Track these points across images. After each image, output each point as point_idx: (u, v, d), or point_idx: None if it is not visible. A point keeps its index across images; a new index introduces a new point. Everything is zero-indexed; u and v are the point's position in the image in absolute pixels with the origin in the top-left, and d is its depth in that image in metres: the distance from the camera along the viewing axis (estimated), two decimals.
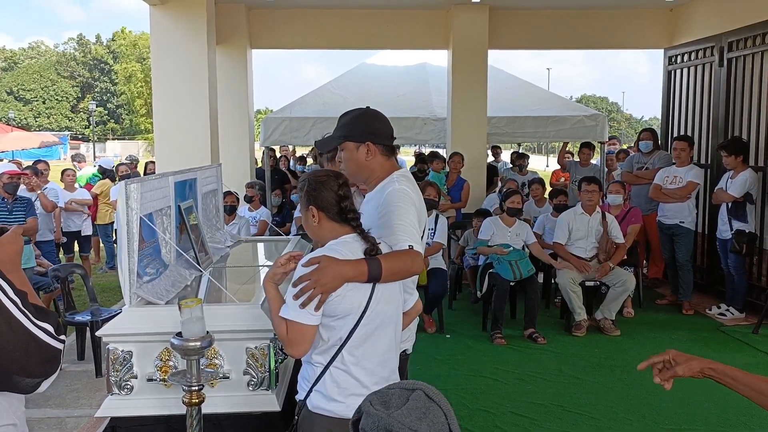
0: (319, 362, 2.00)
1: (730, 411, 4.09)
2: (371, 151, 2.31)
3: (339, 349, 1.98)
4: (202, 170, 3.68)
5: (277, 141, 8.79)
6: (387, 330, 2.08)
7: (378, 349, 2.05)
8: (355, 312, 1.97)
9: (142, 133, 53.23)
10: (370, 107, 2.44)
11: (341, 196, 2.05)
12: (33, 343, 1.38)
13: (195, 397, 2.22)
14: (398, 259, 2.04)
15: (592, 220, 5.75)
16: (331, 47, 8.76)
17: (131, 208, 2.46)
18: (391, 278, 2.03)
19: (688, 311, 6.27)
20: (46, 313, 1.44)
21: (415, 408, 1.89)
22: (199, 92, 6.46)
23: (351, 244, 2.03)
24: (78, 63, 60.44)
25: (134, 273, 2.47)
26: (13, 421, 1.49)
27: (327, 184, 2.06)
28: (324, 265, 1.91)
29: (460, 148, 7.82)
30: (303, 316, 1.92)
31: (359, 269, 1.94)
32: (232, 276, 3.46)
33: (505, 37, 8.30)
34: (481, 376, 4.68)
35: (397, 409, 1.88)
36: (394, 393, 1.95)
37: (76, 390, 4.63)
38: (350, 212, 2.06)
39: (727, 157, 5.91)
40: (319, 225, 2.07)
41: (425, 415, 1.89)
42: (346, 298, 1.95)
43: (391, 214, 2.18)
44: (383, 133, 2.37)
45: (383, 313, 2.04)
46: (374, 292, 2.00)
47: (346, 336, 1.97)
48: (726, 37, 6.70)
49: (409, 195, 2.27)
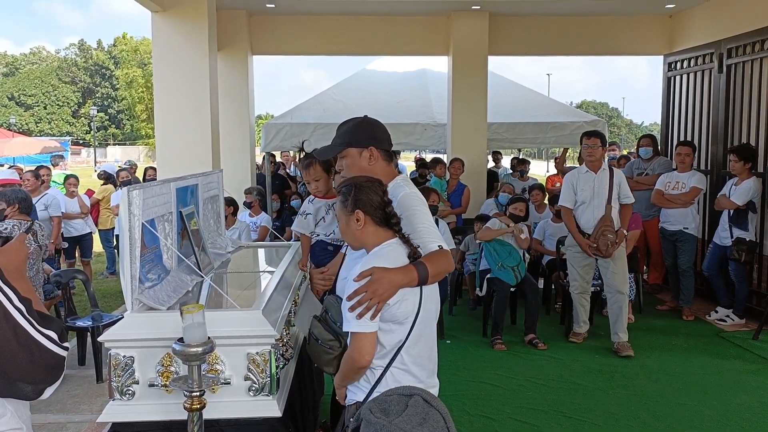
0: (379, 365, 2.07)
1: (728, 415, 4.10)
2: (374, 156, 2.38)
3: (397, 351, 2.06)
4: (204, 176, 3.70)
5: (278, 147, 8.82)
6: (432, 327, 2.19)
7: (427, 344, 2.15)
8: (411, 315, 2.06)
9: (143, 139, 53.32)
10: (368, 116, 2.51)
11: (386, 202, 2.13)
12: (37, 350, 1.39)
13: (196, 403, 2.23)
14: (438, 261, 2.13)
15: (597, 179, 5.19)
16: (332, 53, 8.79)
17: (133, 215, 2.47)
18: (435, 279, 2.13)
19: (688, 317, 6.27)
20: (51, 320, 1.45)
21: (415, 414, 1.91)
22: (200, 98, 6.48)
23: (396, 248, 2.10)
24: (79, 68, 60.57)
25: (136, 279, 2.48)
26: (19, 426, 1.50)
27: (372, 189, 2.13)
28: (378, 276, 1.98)
29: (460, 154, 7.85)
30: (363, 325, 1.99)
31: (410, 276, 2.03)
32: (233, 281, 3.47)
33: (504, 43, 8.34)
34: (481, 382, 4.68)
35: (398, 416, 1.90)
36: (393, 400, 1.97)
37: (77, 395, 4.63)
38: (393, 217, 2.13)
39: (736, 162, 5.90)
40: (364, 229, 2.12)
41: (425, 421, 1.92)
42: (403, 303, 2.04)
43: (412, 218, 2.24)
44: (383, 139, 2.45)
45: (430, 311, 2.15)
46: (423, 294, 2.09)
47: (405, 338, 2.06)
48: (725, 43, 6.72)
49: (420, 197, 2.36)
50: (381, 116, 2.65)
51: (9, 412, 1.47)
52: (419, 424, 1.90)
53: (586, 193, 5.23)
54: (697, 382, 4.67)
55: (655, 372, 4.87)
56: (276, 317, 2.59)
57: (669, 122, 7.99)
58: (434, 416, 1.96)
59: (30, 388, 1.40)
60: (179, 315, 2.18)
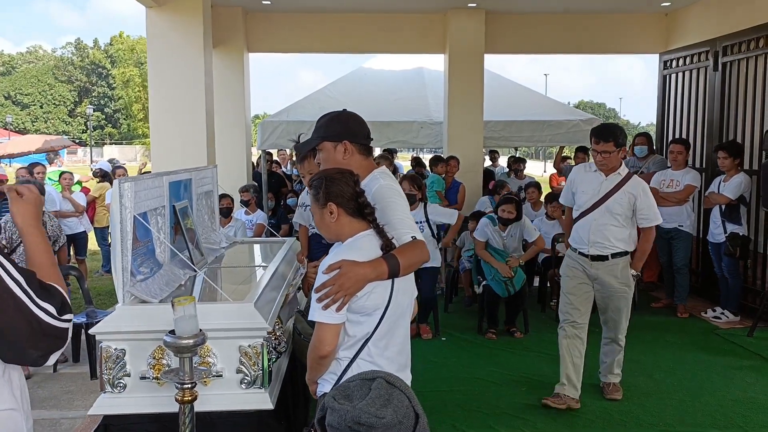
0: (345, 356, 2.08)
1: (722, 411, 4.10)
2: (348, 150, 2.38)
3: (365, 343, 2.06)
4: (198, 171, 3.69)
5: (274, 144, 8.81)
6: (405, 320, 2.19)
7: (398, 338, 2.15)
8: (380, 307, 2.06)
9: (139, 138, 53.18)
10: (347, 110, 2.52)
11: (358, 192, 2.13)
12: (35, 322, 1.41)
13: (188, 395, 2.23)
14: (410, 252, 2.12)
15: (606, 183, 4.01)
16: (328, 51, 8.78)
17: (125, 207, 2.46)
18: (407, 271, 2.13)
19: (683, 314, 6.28)
20: (51, 293, 1.46)
21: (378, 396, 1.92)
22: (196, 95, 6.48)
23: (369, 240, 2.09)
24: (75, 67, 60.42)
25: (128, 271, 2.47)
26: (13, 406, 1.50)
27: (344, 181, 2.13)
28: (345, 270, 1.98)
29: (456, 152, 7.85)
30: (327, 316, 1.99)
31: (380, 269, 2.03)
32: (226, 276, 3.47)
33: (501, 42, 8.34)
34: (476, 378, 4.68)
35: (361, 400, 1.91)
36: (356, 385, 1.98)
37: (71, 392, 4.62)
38: (366, 207, 2.12)
39: (725, 158, 5.92)
40: (337, 221, 2.12)
41: (389, 402, 1.93)
42: (372, 296, 2.03)
43: (386, 210, 2.23)
44: (359, 132, 2.43)
45: (402, 304, 2.15)
46: (394, 287, 2.08)
47: (372, 330, 2.06)
48: (720, 41, 6.74)
49: (396, 189, 2.35)
50: (377, 114, 2.66)
51: (7, 388, 1.49)
52: (383, 405, 1.90)
53: (584, 197, 4.10)
54: (691, 379, 4.68)
55: (650, 368, 4.87)
56: (268, 310, 2.59)
57: (664, 120, 8.00)
58: (398, 396, 1.97)
59: (36, 353, 1.43)
60: (171, 308, 2.18)
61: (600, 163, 4.01)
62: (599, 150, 3.96)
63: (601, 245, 4.02)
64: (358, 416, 1.85)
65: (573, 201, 4.28)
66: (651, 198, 4.01)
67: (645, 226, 4.02)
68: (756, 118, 6.24)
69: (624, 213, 3.98)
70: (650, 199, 4.00)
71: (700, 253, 7.00)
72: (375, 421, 1.85)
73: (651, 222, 4.01)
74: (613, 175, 4.02)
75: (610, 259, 4.01)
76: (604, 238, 4.01)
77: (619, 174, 4.02)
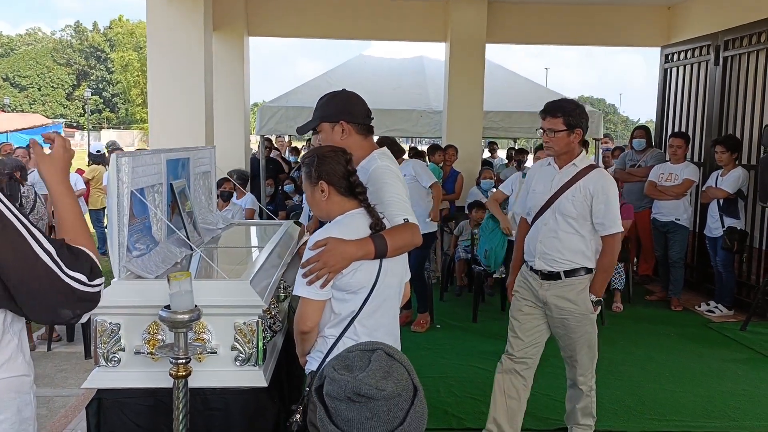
0: (332, 334, 2.07)
1: (714, 402, 4.13)
2: (346, 130, 2.37)
3: (351, 321, 2.05)
4: (196, 151, 3.67)
5: (273, 130, 8.79)
6: (393, 301, 2.18)
7: (385, 319, 2.14)
8: (366, 286, 2.05)
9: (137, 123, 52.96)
10: (345, 89, 2.49)
11: (350, 171, 2.11)
12: (69, 291, 1.44)
13: (182, 370, 2.23)
14: (400, 234, 2.11)
15: (559, 178, 3.17)
16: (329, 37, 8.76)
17: (122, 182, 2.45)
18: (396, 253, 2.11)
19: (677, 307, 6.30)
20: (80, 259, 1.48)
21: (379, 368, 1.93)
22: (195, 78, 6.45)
23: (357, 218, 2.08)
24: (74, 50, 60.08)
25: (124, 247, 2.46)
26: (27, 372, 1.55)
27: (336, 159, 2.12)
28: (331, 247, 1.97)
29: (455, 141, 7.83)
30: (311, 292, 2.00)
31: (366, 249, 2.01)
32: (223, 256, 3.46)
33: (503, 32, 8.31)
34: (469, 365, 4.70)
35: (362, 371, 1.92)
36: (356, 356, 1.99)
37: (65, 370, 4.63)
38: (358, 186, 2.11)
39: (723, 152, 5.93)
40: (328, 200, 2.11)
41: (389, 374, 1.94)
42: (357, 273, 2.02)
43: (380, 191, 2.22)
44: (357, 112, 2.41)
45: (390, 286, 2.13)
46: (382, 267, 2.07)
47: (358, 309, 2.05)
48: (722, 35, 6.72)
49: (394, 170, 2.34)
50: (377, 102, 2.65)
51: (21, 356, 1.53)
52: (383, 377, 1.91)
53: (535, 198, 3.27)
54: (684, 371, 4.70)
55: (642, 360, 4.90)
56: (264, 288, 2.58)
57: (664, 114, 7.99)
58: (398, 369, 1.98)
59: (70, 312, 1.47)
60: (167, 283, 2.18)
61: (546, 145, 3.16)
62: (545, 128, 3.12)
63: (549, 258, 3.14)
64: (359, 387, 1.86)
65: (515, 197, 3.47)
66: (612, 198, 3.05)
67: (603, 234, 3.10)
68: (756, 113, 6.23)
69: (580, 215, 3.07)
70: (610, 199, 3.05)
71: (695, 247, 7.02)
72: (375, 393, 1.85)
73: (607, 229, 3.07)
74: (568, 167, 3.13)
75: (563, 278, 3.11)
76: (553, 249, 3.12)
77: (574, 165, 3.12)
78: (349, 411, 1.85)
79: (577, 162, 3.13)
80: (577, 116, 3.07)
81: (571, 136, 3.07)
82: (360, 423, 1.84)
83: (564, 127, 3.06)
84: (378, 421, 1.86)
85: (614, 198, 3.06)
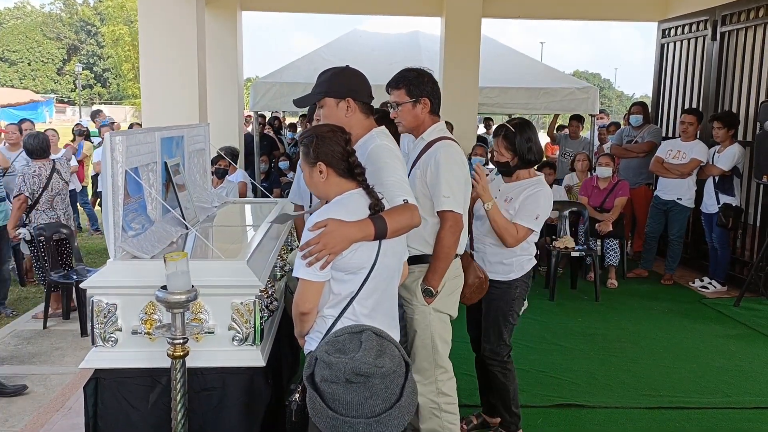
0: (331, 315, 2.07)
1: (707, 377, 4.17)
2: (351, 108, 2.36)
3: (350, 302, 2.05)
4: (190, 128, 3.64)
5: (267, 106, 8.69)
6: (392, 282, 2.18)
7: (385, 299, 2.14)
8: (365, 266, 2.04)
9: (129, 98, 52.43)
10: (349, 66, 2.45)
11: (349, 152, 2.08)
12: None
13: (179, 350, 2.23)
14: (400, 215, 2.10)
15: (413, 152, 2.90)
16: (323, 11, 8.63)
17: (116, 161, 2.43)
18: (395, 234, 2.09)
19: (667, 282, 6.35)
20: None
21: (372, 347, 1.94)
22: (187, 53, 6.33)
23: (356, 199, 2.06)
24: (64, 24, 59.18)
25: (119, 226, 2.44)
26: None
27: (334, 140, 2.08)
28: (331, 228, 1.95)
29: (450, 118, 7.74)
30: (310, 274, 1.98)
31: (366, 230, 2.00)
32: (219, 235, 3.45)
33: (499, 6, 8.20)
34: (465, 342, 4.69)
35: (356, 352, 1.92)
36: (345, 339, 1.99)
37: (61, 348, 4.63)
38: (357, 167, 2.09)
39: (720, 128, 5.90)
40: (327, 181, 2.09)
41: (383, 352, 1.95)
42: (356, 254, 2.01)
43: (380, 171, 2.20)
44: (363, 90, 2.41)
45: (389, 266, 2.12)
46: (381, 248, 2.06)
47: (357, 289, 2.04)
48: (720, 10, 6.66)
49: (393, 150, 2.32)
50: (372, 77, 2.60)
51: None
52: (378, 355, 1.92)
53: None
54: (676, 346, 4.74)
55: (636, 335, 4.93)
56: (261, 268, 2.58)
57: (660, 89, 7.95)
58: (389, 347, 1.99)
59: None
60: (163, 263, 2.16)
61: (396, 121, 2.88)
62: (390, 101, 2.90)
63: None
64: (357, 367, 1.86)
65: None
66: (444, 169, 2.65)
67: (440, 209, 2.67)
68: (752, 89, 6.21)
69: (423, 195, 2.68)
70: (441, 170, 2.65)
71: (690, 224, 7.03)
72: (374, 371, 1.86)
73: (441, 205, 2.65)
74: (418, 142, 2.85)
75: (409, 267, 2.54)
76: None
77: (422, 139, 2.81)
78: (347, 393, 1.85)
79: (425, 135, 2.81)
80: (421, 85, 2.77)
81: (417, 106, 2.77)
82: (359, 404, 1.85)
83: (408, 98, 2.77)
84: (377, 399, 1.86)
85: (446, 170, 2.65)
